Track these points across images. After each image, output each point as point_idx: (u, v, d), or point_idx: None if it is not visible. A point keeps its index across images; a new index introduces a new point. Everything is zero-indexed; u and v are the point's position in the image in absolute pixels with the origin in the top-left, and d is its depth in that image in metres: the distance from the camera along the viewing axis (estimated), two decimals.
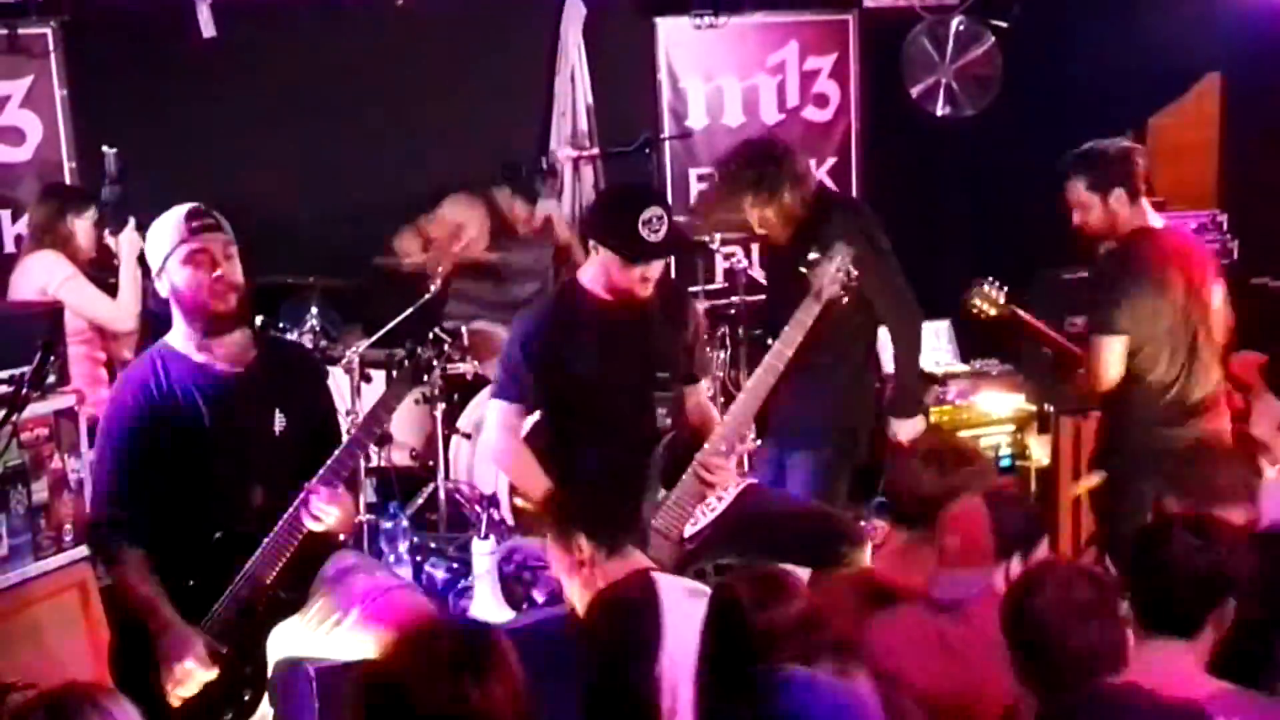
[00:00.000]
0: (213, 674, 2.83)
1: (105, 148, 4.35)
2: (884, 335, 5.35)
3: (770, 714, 2.00)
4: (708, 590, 2.55)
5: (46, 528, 3.23)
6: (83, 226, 4.30)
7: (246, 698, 2.89)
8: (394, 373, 2.98)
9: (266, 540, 2.83)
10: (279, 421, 2.90)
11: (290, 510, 2.81)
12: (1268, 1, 4.83)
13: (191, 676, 2.81)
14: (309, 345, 4.40)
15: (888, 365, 5.29)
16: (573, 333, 3.33)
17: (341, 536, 3.10)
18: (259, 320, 3.88)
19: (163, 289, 2.90)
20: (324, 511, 2.80)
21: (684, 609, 2.50)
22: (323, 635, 2.96)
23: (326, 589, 2.97)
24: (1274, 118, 4.98)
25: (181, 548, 2.88)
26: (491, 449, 3.47)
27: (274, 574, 2.84)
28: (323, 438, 2.96)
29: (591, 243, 3.35)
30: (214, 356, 2.90)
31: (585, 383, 3.32)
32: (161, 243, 2.86)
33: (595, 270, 3.35)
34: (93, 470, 3.09)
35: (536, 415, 3.50)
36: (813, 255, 3.45)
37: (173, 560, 2.88)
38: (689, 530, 3.34)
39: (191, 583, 2.88)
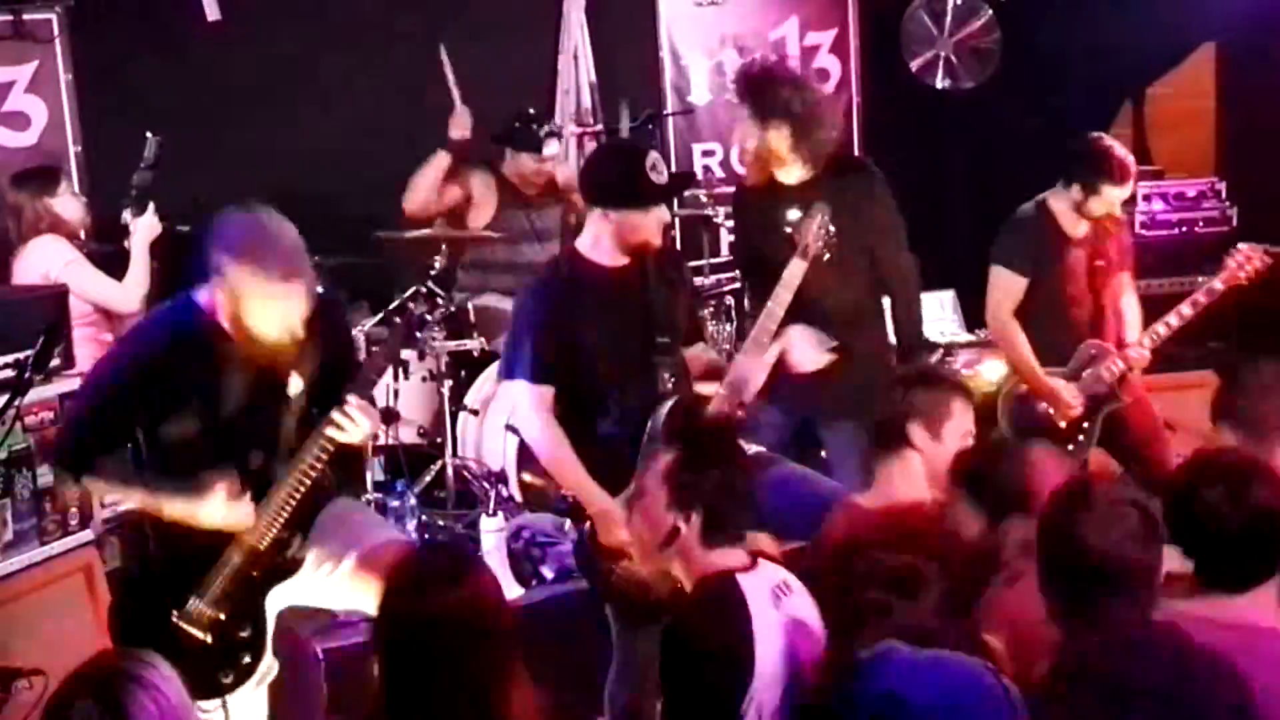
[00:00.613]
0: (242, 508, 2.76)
1: (149, 134, 4.31)
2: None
3: (866, 694, 1.96)
4: (792, 589, 2.50)
5: (51, 512, 3.23)
6: (63, 203, 4.28)
7: (245, 660, 2.85)
8: (390, 328, 3.00)
9: (270, 494, 2.77)
10: (295, 386, 2.85)
11: (314, 432, 2.74)
12: None
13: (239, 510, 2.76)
14: None
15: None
16: (577, 303, 3.31)
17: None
18: None
19: (214, 273, 2.77)
20: (356, 416, 2.74)
21: (768, 619, 2.44)
22: (321, 578, 2.93)
23: (323, 533, 2.93)
24: (1268, 85, 4.98)
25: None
26: (529, 434, 3.39)
27: (274, 533, 2.79)
28: (340, 377, 2.88)
29: (597, 210, 3.32)
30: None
31: (592, 352, 3.31)
32: (239, 262, 2.73)
33: (598, 237, 3.33)
34: (75, 400, 3.00)
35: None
36: (794, 213, 3.50)
37: (169, 525, 2.84)
38: None
39: (190, 544, 2.82)
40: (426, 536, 4.25)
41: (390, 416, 4.51)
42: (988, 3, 5.86)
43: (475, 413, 4.57)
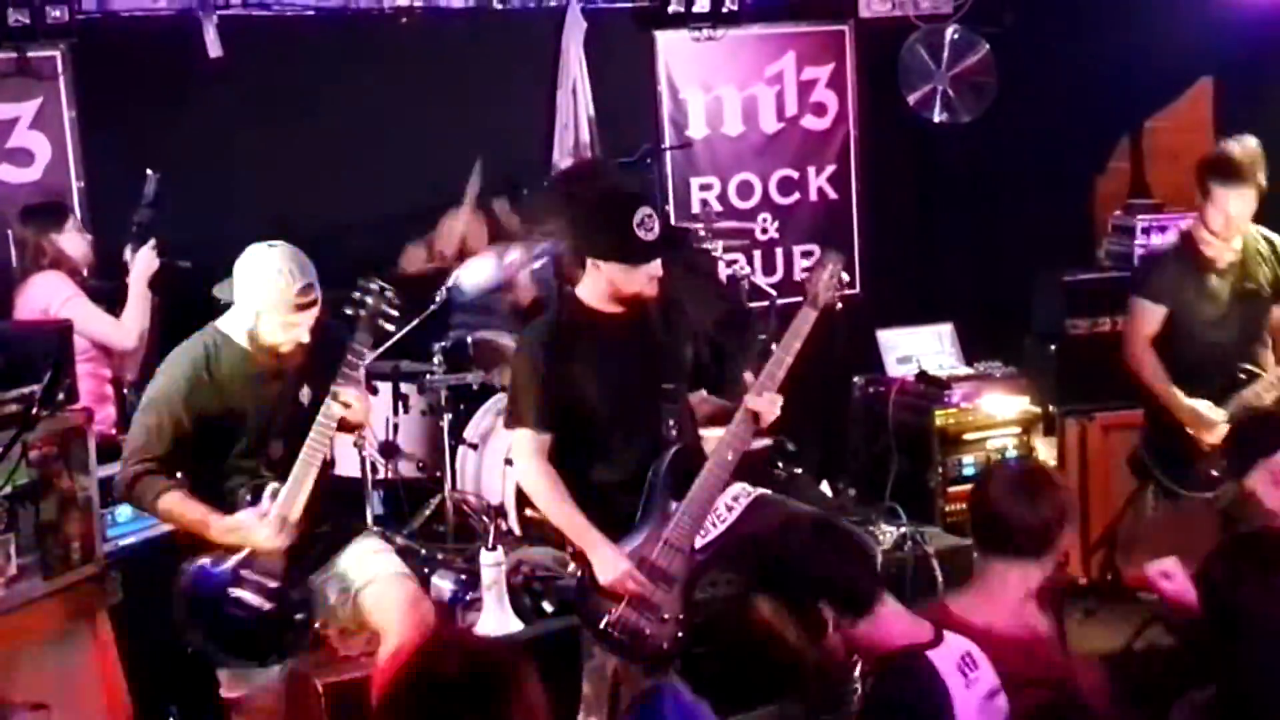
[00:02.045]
0: (279, 538, 3.17)
1: (149, 171, 4.40)
2: (883, 338, 5.39)
3: None
4: (977, 663, 2.42)
5: (55, 546, 3.22)
6: (68, 240, 4.33)
7: (300, 617, 3.22)
8: (354, 324, 3.32)
9: (290, 476, 3.16)
10: (306, 395, 3.29)
11: (320, 412, 3.18)
12: (1258, 6, 4.86)
13: (266, 534, 3.16)
14: None
15: (892, 370, 5.34)
16: (578, 351, 3.33)
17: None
18: None
19: (236, 298, 3.26)
20: (349, 396, 3.20)
21: (963, 698, 2.38)
22: (330, 598, 3.35)
23: (341, 560, 3.37)
24: (1265, 120, 5.01)
25: (211, 495, 3.24)
26: (527, 481, 3.44)
27: (299, 508, 3.17)
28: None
29: (590, 261, 3.35)
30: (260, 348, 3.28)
31: (593, 399, 3.32)
32: (263, 291, 3.22)
33: (595, 285, 3.35)
34: (131, 431, 3.35)
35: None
36: (808, 263, 3.51)
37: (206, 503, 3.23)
38: (700, 541, 3.34)
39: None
40: (428, 570, 4.24)
41: (390, 451, 4.53)
42: (985, 37, 5.91)
43: (474, 446, 4.57)
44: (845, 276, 3.47)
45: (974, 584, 2.69)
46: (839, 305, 3.48)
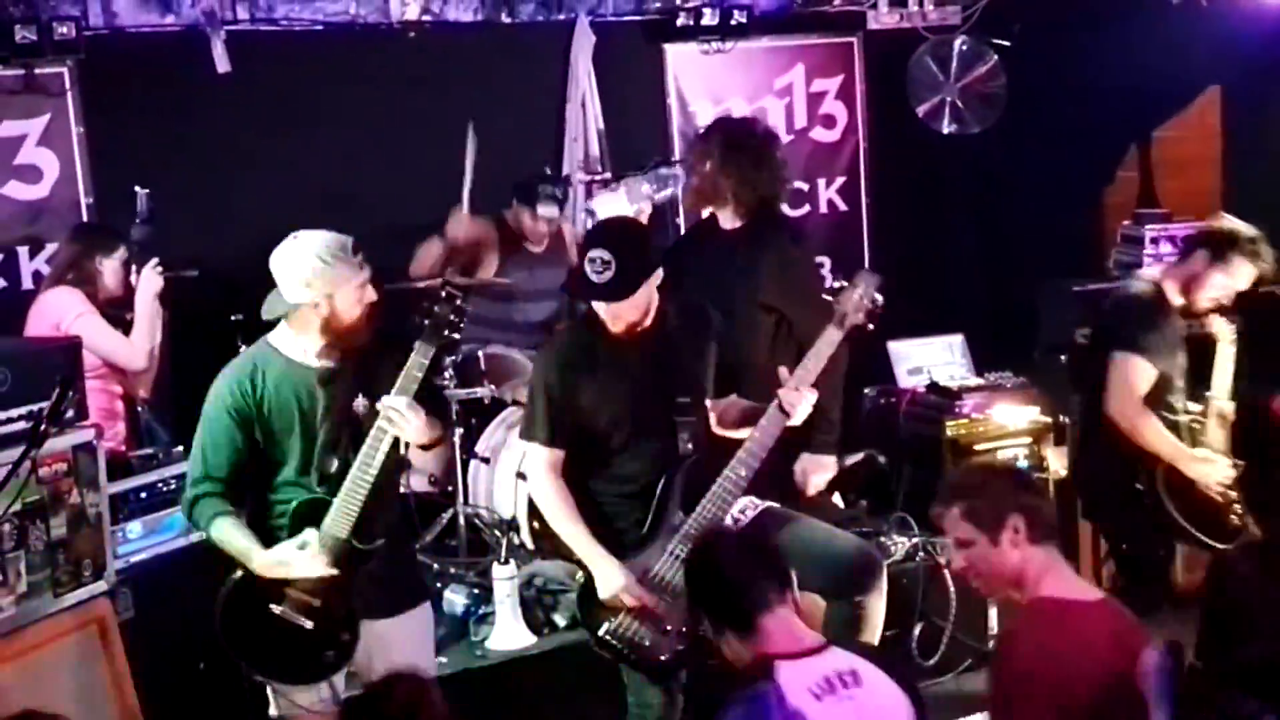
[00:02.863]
0: (320, 567, 3.05)
1: (138, 188, 4.38)
2: (894, 349, 5.38)
3: None
4: (859, 682, 2.45)
5: (66, 563, 3.22)
6: (110, 267, 4.33)
7: (345, 637, 3.10)
8: (420, 333, 3.17)
9: (343, 489, 3.04)
10: (361, 406, 3.14)
11: (372, 431, 3.04)
12: (1264, 16, 4.86)
13: (306, 565, 3.04)
14: None
15: (903, 381, 5.33)
16: (593, 365, 3.33)
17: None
18: None
19: (297, 298, 3.08)
20: (402, 416, 3.04)
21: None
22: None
23: (380, 629, 3.18)
24: (1273, 128, 5.00)
25: (268, 512, 3.13)
26: (537, 493, 3.44)
27: (352, 522, 3.04)
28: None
29: None
30: (316, 355, 3.14)
31: (606, 413, 3.33)
32: (327, 270, 3.07)
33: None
34: (193, 458, 3.26)
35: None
36: (837, 284, 3.47)
37: (262, 523, 3.14)
38: None
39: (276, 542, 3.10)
40: (441, 585, 4.23)
41: (401, 465, 4.50)
42: (993, 48, 5.91)
43: (486, 460, 4.56)
44: (879, 298, 3.39)
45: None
46: (870, 327, 3.41)
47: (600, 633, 3.25)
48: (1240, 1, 4.88)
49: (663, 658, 3.22)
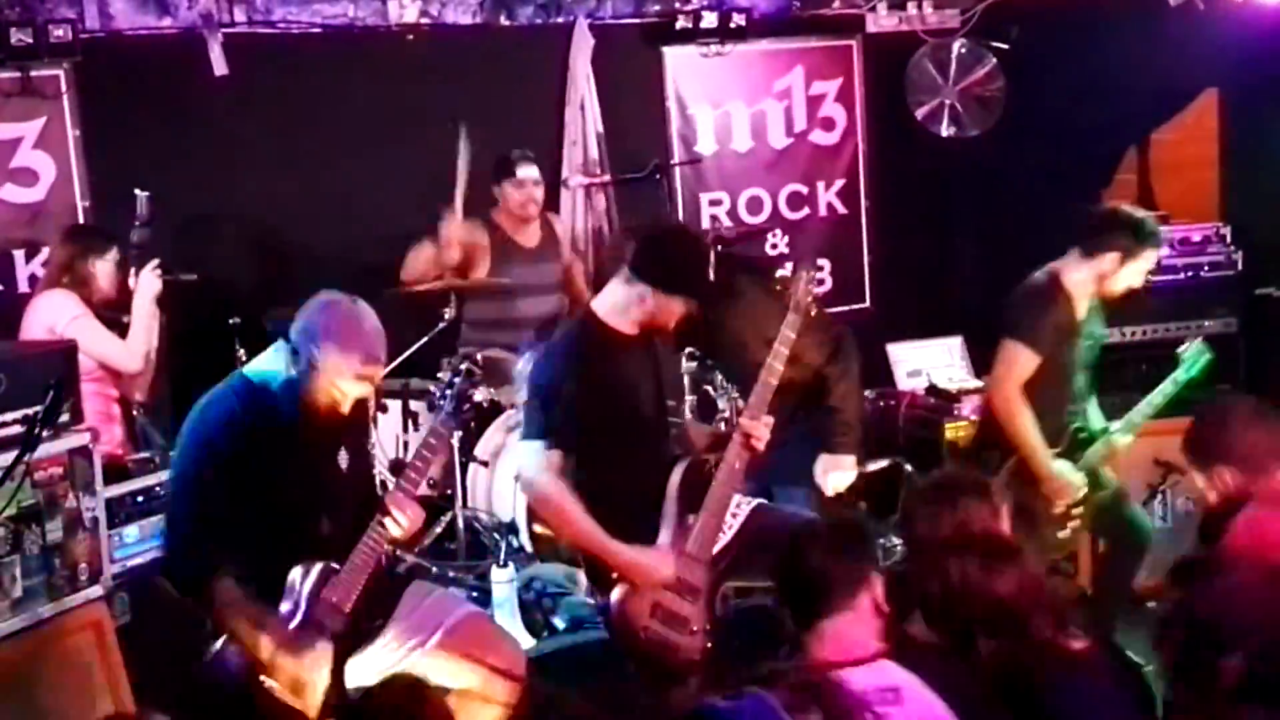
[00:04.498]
0: (326, 675, 2.85)
1: (138, 191, 4.35)
2: (893, 352, 5.38)
3: None
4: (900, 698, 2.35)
5: (61, 567, 3.17)
6: (104, 269, 4.30)
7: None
8: (440, 405, 3.10)
9: (345, 565, 2.90)
10: (344, 459, 3.05)
11: (371, 525, 2.91)
12: (1261, 18, 4.86)
13: (316, 676, 2.84)
14: None
15: (902, 383, 5.32)
16: (597, 367, 3.36)
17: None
18: None
19: (299, 359, 2.93)
20: (401, 515, 2.92)
21: None
22: (400, 658, 3.03)
23: (401, 616, 3.06)
24: (1270, 130, 5.00)
25: (258, 581, 2.93)
26: (539, 494, 3.43)
27: (354, 599, 2.89)
28: (370, 469, 3.16)
29: (642, 286, 3.35)
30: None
31: (609, 415, 3.35)
32: (337, 347, 2.91)
33: (626, 307, 3.39)
34: (169, 511, 3.12)
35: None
36: (781, 272, 3.57)
37: (250, 593, 2.93)
38: (716, 550, 3.38)
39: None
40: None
41: (399, 469, 4.48)
42: (991, 51, 5.90)
43: (485, 464, 4.54)
44: (820, 278, 3.56)
45: None
46: (813, 312, 3.50)
47: (634, 641, 3.25)
48: (1237, 4, 4.87)
49: (695, 657, 3.25)
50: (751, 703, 2.24)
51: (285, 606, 2.89)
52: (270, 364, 3.00)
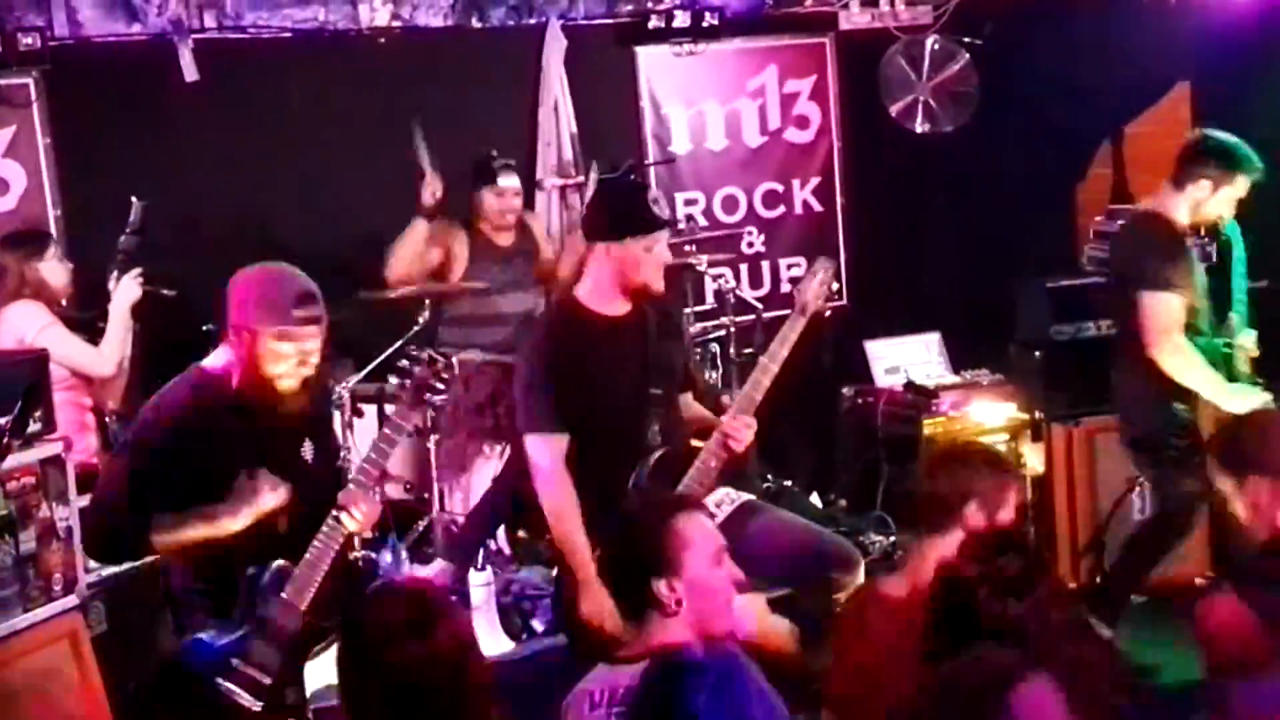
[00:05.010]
0: (283, 495, 2.88)
1: (134, 199, 4.33)
2: (870, 349, 5.40)
3: None
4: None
5: (35, 578, 3.15)
6: (50, 269, 4.27)
7: None
8: (396, 397, 3.04)
9: (301, 562, 2.88)
10: (308, 451, 3.02)
11: (327, 520, 2.89)
12: (1229, 11, 4.89)
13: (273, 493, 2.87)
14: None
15: (880, 380, 5.33)
16: (580, 352, 3.34)
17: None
18: None
19: (233, 339, 2.95)
20: (357, 509, 2.90)
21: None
22: None
23: None
24: (1241, 122, 5.03)
25: (212, 573, 2.95)
26: (546, 485, 3.38)
27: (310, 596, 2.88)
28: (333, 467, 3.11)
29: (599, 248, 3.35)
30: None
31: (594, 401, 3.33)
32: (256, 308, 2.92)
33: (599, 280, 3.36)
34: (105, 486, 3.10)
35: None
36: (797, 274, 3.54)
37: (207, 592, 2.98)
38: None
39: (227, 605, 2.94)
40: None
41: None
42: (965, 47, 5.92)
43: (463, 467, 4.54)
44: (835, 284, 3.50)
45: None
46: (827, 313, 3.53)
47: (591, 639, 3.16)
48: None
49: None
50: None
51: (239, 607, 2.89)
52: (224, 355, 3.00)
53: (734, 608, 2.50)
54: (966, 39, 5.91)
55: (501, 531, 4.31)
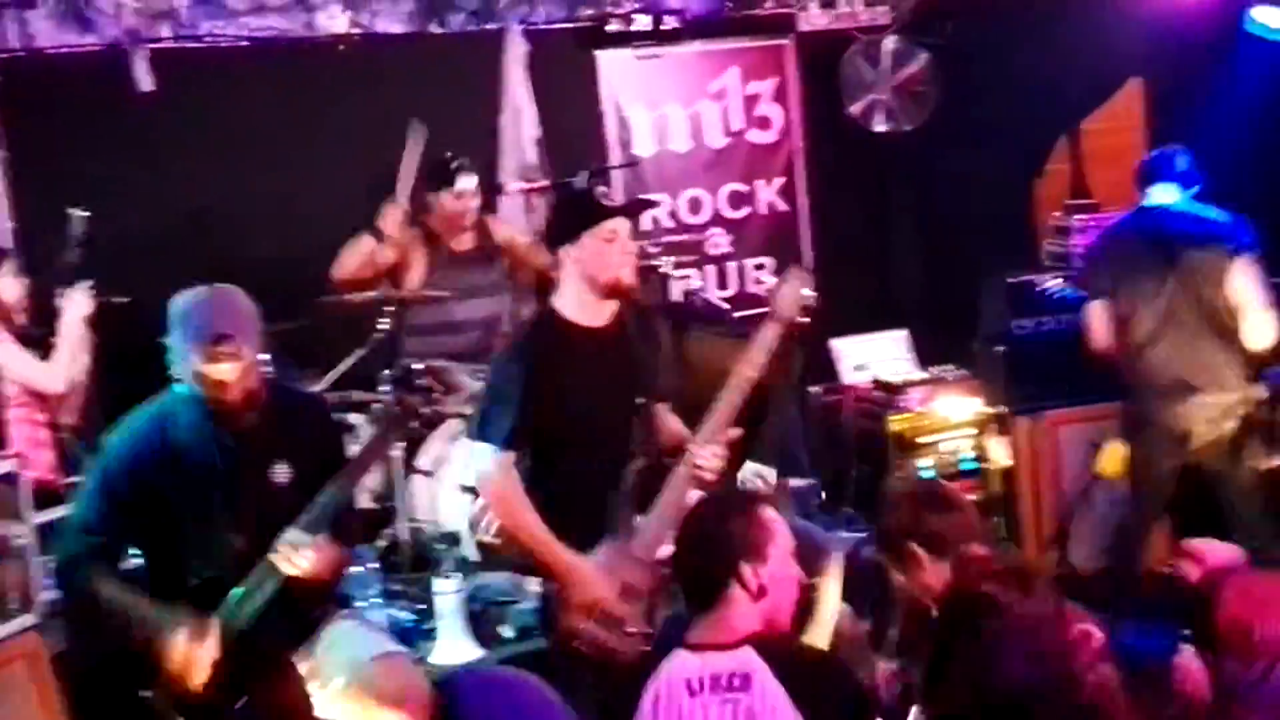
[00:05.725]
0: (214, 651, 2.81)
1: (71, 210, 4.26)
2: (837, 347, 5.41)
3: None
4: (747, 685, 2.47)
5: None
6: (2, 285, 4.19)
7: None
8: (382, 420, 3.02)
9: (243, 585, 2.83)
10: (283, 473, 2.95)
11: (265, 559, 2.83)
12: (1180, 7, 4.94)
13: (196, 659, 2.80)
14: None
15: (848, 378, 5.35)
16: (555, 368, 3.31)
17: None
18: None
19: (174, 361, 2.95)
20: (297, 556, 2.82)
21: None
22: (312, 692, 2.99)
23: (317, 651, 3.01)
24: (1193, 118, 5.10)
25: (163, 589, 2.91)
26: (491, 496, 3.41)
27: (250, 620, 2.83)
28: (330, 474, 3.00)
29: (565, 256, 3.32)
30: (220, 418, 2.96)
31: (573, 413, 3.31)
32: (180, 337, 2.94)
33: (574, 287, 3.34)
34: (74, 506, 3.09)
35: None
36: (760, 275, 3.54)
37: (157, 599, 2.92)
38: (662, 553, 3.31)
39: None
40: (386, 602, 4.17)
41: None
42: (923, 46, 5.95)
43: (429, 474, 4.50)
44: (810, 292, 3.41)
45: None
46: (806, 320, 3.43)
47: (574, 643, 3.21)
48: None
49: (631, 660, 3.16)
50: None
51: None
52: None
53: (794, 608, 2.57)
54: (924, 38, 5.94)
55: (468, 538, 4.27)
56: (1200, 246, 4.15)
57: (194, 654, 2.81)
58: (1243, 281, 4.08)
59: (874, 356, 5.41)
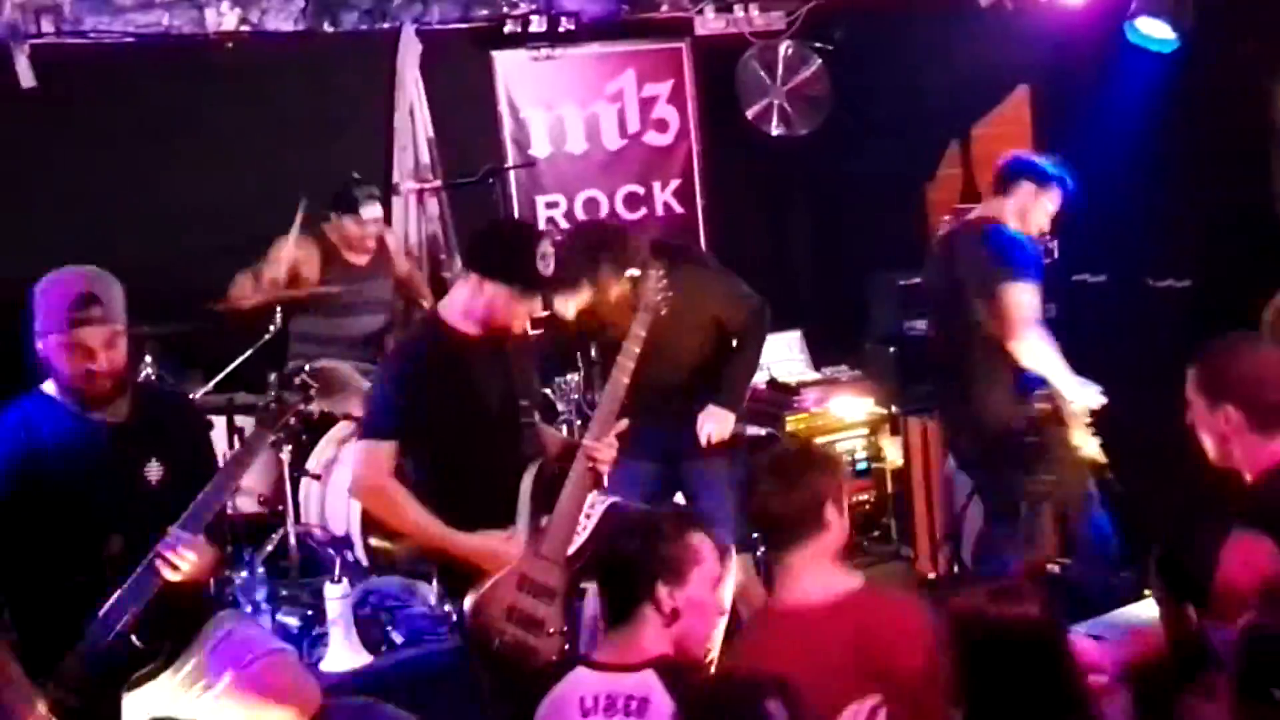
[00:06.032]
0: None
1: None
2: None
3: None
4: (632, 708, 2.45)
5: None
6: None
7: None
8: (258, 419, 3.00)
9: (121, 588, 2.76)
10: (155, 471, 2.89)
11: (148, 558, 2.76)
12: (1064, 16, 5.09)
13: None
14: None
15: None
16: (445, 369, 3.34)
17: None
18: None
19: (40, 350, 2.87)
20: (178, 558, 2.75)
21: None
22: (192, 698, 2.94)
23: (201, 650, 2.94)
24: (1076, 122, 5.24)
25: (33, 595, 2.83)
26: (361, 488, 3.44)
27: (128, 622, 2.76)
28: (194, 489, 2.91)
29: (475, 278, 3.37)
30: (88, 409, 2.88)
31: (455, 417, 3.33)
32: (42, 315, 2.85)
33: (467, 303, 3.38)
34: None
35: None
36: (632, 271, 3.64)
37: (24, 607, 2.84)
38: (569, 551, 3.37)
39: (42, 630, 2.79)
40: (274, 607, 4.10)
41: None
42: (817, 52, 6.04)
43: (317, 477, 4.45)
44: (666, 280, 3.56)
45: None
46: (664, 310, 3.56)
47: (494, 648, 3.21)
48: (1043, 3, 5.08)
49: (552, 659, 3.21)
50: None
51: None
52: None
53: (713, 638, 2.57)
54: (818, 44, 6.03)
55: (358, 541, 4.23)
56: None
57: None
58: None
59: (769, 357, 5.46)
